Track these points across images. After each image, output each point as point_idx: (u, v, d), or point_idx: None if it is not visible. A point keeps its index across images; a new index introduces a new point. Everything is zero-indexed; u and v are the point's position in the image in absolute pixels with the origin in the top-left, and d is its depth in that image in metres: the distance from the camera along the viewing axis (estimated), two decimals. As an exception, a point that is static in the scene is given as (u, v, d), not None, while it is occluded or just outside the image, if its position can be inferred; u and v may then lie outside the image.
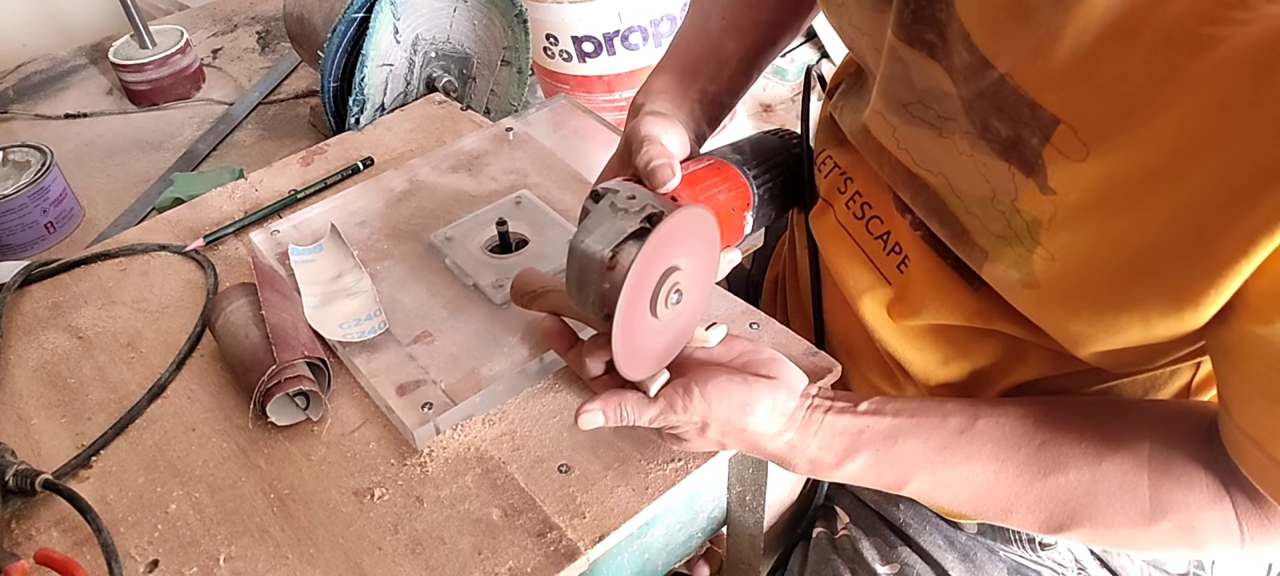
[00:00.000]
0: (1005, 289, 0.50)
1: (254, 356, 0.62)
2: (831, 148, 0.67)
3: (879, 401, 0.56)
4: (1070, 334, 0.48)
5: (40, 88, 1.28)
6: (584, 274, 0.51)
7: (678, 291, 0.52)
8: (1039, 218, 0.45)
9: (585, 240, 0.50)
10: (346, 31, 0.93)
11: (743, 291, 0.86)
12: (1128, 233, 0.42)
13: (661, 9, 1.48)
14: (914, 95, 0.52)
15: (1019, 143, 0.45)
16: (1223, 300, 0.41)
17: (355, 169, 0.88)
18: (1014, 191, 0.46)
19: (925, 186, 0.53)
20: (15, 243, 0.94)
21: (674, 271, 0.51)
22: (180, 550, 0.56)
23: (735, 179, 0.62)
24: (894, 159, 0.56)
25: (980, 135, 0.47)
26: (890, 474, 0.55)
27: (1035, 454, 0.52)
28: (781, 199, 0.68)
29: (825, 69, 1.89)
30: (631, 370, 0.53)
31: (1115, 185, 0.42)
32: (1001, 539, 0.67)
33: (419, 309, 0.69)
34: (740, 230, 0.63)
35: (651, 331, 0.52)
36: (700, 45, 0.74)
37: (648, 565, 0.68)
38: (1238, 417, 0.46)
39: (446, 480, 0.58)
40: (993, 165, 0.47)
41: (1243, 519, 0.48)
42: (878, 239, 0.61)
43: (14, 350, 0.72)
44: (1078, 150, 0.42)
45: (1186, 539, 0.50)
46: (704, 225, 0.53)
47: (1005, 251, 0.48)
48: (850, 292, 0.64)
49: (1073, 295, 0.46)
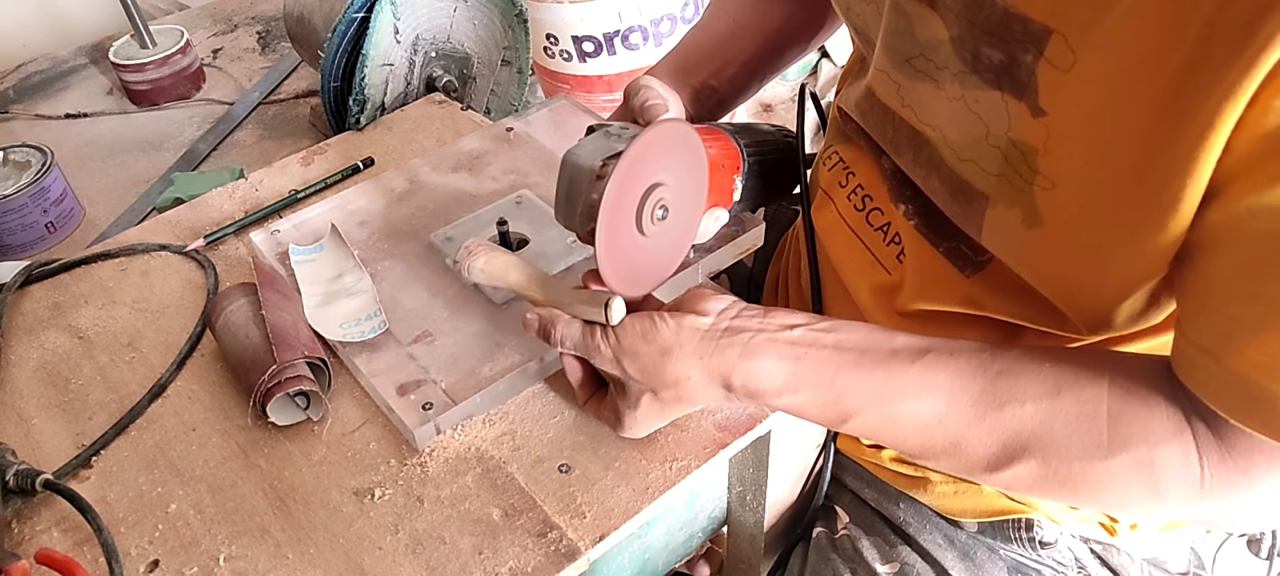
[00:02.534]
0: (1009, 238, 0.50)
1: (254, 356, 0.62)
2: (838, 143, 0.68)
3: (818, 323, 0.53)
4: (1068, 283, 0.49)
5: (40, 88, 1.28)
6: (573, 185, 0.53)
7: (663, 207, 0.53)
8: (1034, 144, 0.46)
9: (577, 154, 0.53)
10: (346, 31, 0.93)
11: (744, 291, 0.86)
12: (1114, 139, 0.43)
13: (661, 9, 1.48)
14: (917, 48, 0.53)
15: (1012, 65, 0.46)
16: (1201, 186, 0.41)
17: (355, 169, 0.88)
18: (1007, 121, 0.47)
19: (927, 142, 0.54)
20: (16, 242, 0.94)
21: (659, 187, 0.53)
22: (180, 550, 0.56)
23: (726, 142, 0.64)
24: (898, 118, 0.56)
25: (971, 70, 0.48)
26: (835, 406, 0.51)
27: (991, 383, 0.49)
28: (772, 178, 0.69)
29: (824, 68, 1.89)
30: (618, 282, 0.54)
31: (1100, 90, 0.42)
32: (1002, 537, 0.67)
33: (419, 309, 0.69)
34: (730, 193, 0.65)
35: (638, 248, 0.54)
36: (706, 42, 0.74)
37: (648, 565, 0.68)
38: (1190, 332, 0.45)
39: (447, 480, 0.58)
40: (985, 98, 0.48)
41: (1203, 455, 0.46)
42: (878, 231, 0.63)
43: (14, 350, 0.72)
44: (1067, 58, 0.43)
45: (1145, 477, 0.47)
46: (687, 141, 0.54)
47: (1005, 190, 0.48)
48: (851, 283, 0.65)
49: (1072, 226, 0.47)
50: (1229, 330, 0.42)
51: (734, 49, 0.73)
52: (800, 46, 0.78)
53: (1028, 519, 0.66)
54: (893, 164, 0.61)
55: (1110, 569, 0.67)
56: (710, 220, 0.63)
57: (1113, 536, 0.66)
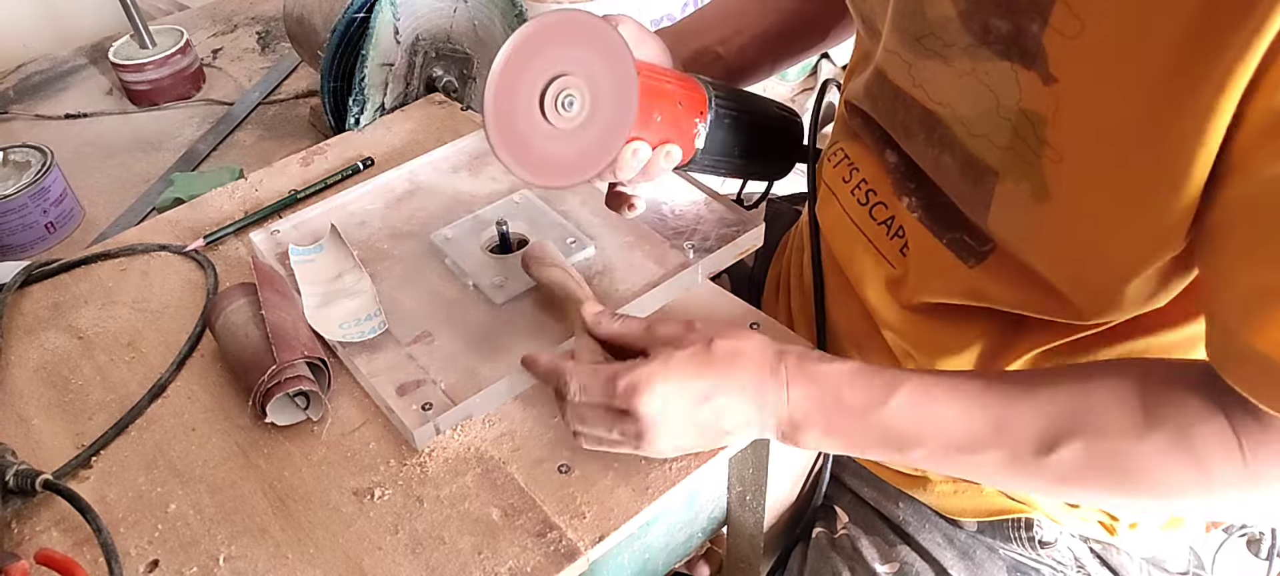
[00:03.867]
0: (1017, 215, 0.50)
1: (254, 356, 0.62)
2: (843, 140, 0.68)
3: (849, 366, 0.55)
4: (1076, 260, 0.49)
5: (40, 88, 1.28)
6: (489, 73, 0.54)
7: (570, 97, 0.54)
8: (1043, 114, 0.46)
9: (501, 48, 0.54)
10: (346, 31, 0.93)
11: (744, 291, 0.86)
12: (1122, 108, 0.43)
13: (661, 9, 1.48)
14: (926, 27, 0.53)
15: (1020, 34, 0.46)
16: (1209, 156, 0.41)
17: (355, 169, 0.88)
18: (1018, 91, 0.47)
19: (939, 121, 0.54)
20: (15, 243, 0.94)
21: (564, 76, 0.53)
22: (180, 550, 0.56)
23: (693, 86, 0.63)
24: (909, 99, 0.57)
25: (981, 42, 0.49)
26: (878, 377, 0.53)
27: (1022, 380, 0.52)
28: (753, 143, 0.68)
29: (824, 69, 1.89)
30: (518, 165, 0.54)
31: (1106, 57, 0.43)
32: (1001, 537, 0.67)
33: (419, 309, 0.69)
34: (691, 136, 0.63)
35: (548, 137, 0.54)
36: (718, 11, 0.75)
37: (648, 565, 0.68)
38: (1216, 314, 0.45)
39: (446, 480, 0.58)
40: (995, 69, 0.48)
41: (1242, 435, 0.46)
42: (882, 224, 0.63)
43: (14, 350, 0.72)
44: (1073, 25, 0.43)
45: (1186, 455, 0.47)
46: (603, 37, 0.54)
47: (1014, 164, 0.49)
48: (856, 278, 0.65)
49: (1079, 199, 0.47)
50: (1251, 304, 0.42)
51: (745, 20, 0.73)
52: (817, 37, 0.78)
53: (1027, 518, 0.66)
54: (897, 156, 0.61)
55: (1110, 568, 0.67)
56: (661, 155, 0.59)
57: (1112, 536, 0.66)
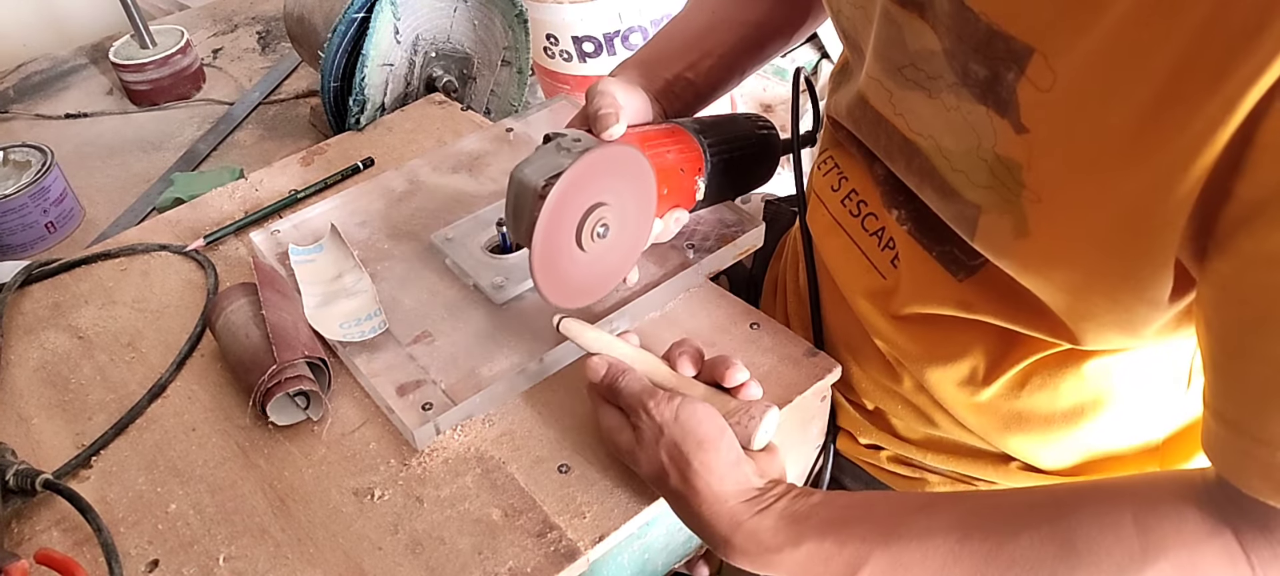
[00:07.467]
0: (1001, 248, 0.50)
1: (254, 356, 0.62)
2: (832, 148, 0.68)
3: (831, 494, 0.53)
4: (1062, 289, 0.49)
5: (40, 88, 1.28)
6: (519, 200, 0.55)
7: (604, 225, 0.55)
8: (1018, 160, 0.46)
9: (524, 170, 0.54)
10: (346, 31, 0.93)
11: (743, 291, 0.86)
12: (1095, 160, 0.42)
13: (662, 9, 1.48)
14: (907, 57, 0.52)
15: (996, 82, 0.45)
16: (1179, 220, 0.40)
17: (355, 169, 0.88)
18: (993, 135, 0.47)
19: (919, 151, 0.54)
20: (15, 243, 0.94)
21: (599, 208, 0.55)
22: (180, 550, 0.56)
23: (688, 142, 0.64)
24: (891, 126, 0.56)
25: (962, 83, 0.48)
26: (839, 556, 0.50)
27: (1001, 516, 0.48)
28: (740, 174, 0.69)
29: (824, 69, 1.89)
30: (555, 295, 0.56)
31: (1078, 112, 0.42)
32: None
33: (419, 309, 0.69)
34: (692, 193, 0.65)
35: (576, 262, 0.56)
36: (683, 35, 0.74)
37: (648, 565, 0.67)
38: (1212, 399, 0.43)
39: (446, 480, 0.58)
40: (974, 111, 0.48)
41: (1250, 551, 0.43)
42: (872, 235, 0.63)
43: (14, 350, 0.72)
44: (1047, 78, 0.43)
45: None
46: (635, 165, 0.55)
47: (995, 201, 0.48)
48: (847, 287, 0.65)
49: (1059, 239, 0.46)
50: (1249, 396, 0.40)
51: (712, 42, 0.73)
52: (782, 41, 0.78)
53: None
54: (885, 169, 0.61)
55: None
56: (670, 221, 0.65)
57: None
